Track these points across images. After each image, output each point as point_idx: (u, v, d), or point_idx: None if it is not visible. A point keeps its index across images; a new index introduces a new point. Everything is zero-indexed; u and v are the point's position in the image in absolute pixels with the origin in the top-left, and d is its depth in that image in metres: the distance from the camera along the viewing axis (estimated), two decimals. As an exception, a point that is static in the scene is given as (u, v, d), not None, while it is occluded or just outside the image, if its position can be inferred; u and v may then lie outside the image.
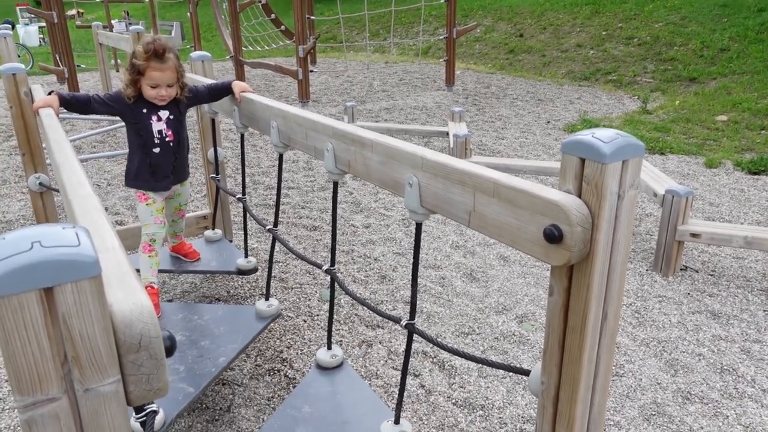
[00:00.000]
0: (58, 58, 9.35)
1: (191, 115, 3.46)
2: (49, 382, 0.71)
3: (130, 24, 19.60)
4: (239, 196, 2.84)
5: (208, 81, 2.89)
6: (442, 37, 10.41)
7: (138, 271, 2.61)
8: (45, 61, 11.04)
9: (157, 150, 2.64)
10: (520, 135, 6.94)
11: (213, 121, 3.20)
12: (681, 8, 11.35)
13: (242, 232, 3.19)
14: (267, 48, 11.76)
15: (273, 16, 12.13)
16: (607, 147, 1.14)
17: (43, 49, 16.87)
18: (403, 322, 1.80)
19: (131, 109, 2.56)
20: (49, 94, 2.45)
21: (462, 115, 6.14)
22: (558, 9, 13.32)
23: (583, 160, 1.17)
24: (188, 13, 12.73)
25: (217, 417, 2.45)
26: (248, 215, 2.82)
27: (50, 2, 8.71)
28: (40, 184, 3.41)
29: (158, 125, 2.61)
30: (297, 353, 2.84)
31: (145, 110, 2.58)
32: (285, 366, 2.76)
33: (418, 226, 1.70)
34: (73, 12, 19.82)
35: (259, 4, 11.19)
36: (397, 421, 1.88)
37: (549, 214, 1.20)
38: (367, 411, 2.00)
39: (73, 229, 0.73)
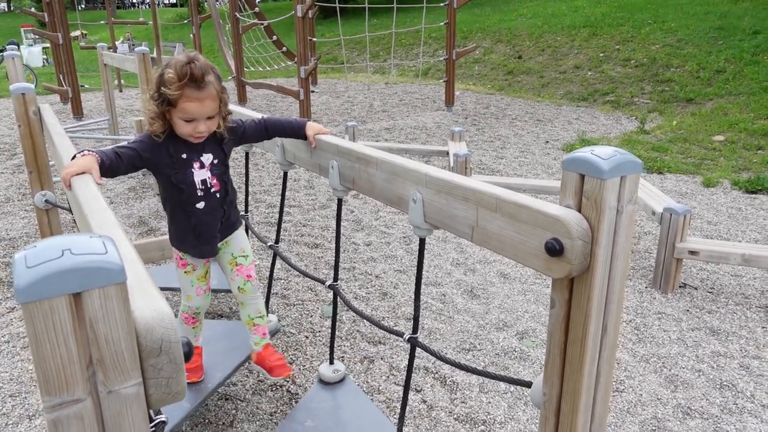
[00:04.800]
0: (62, 78, 9.47)
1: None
2: (75, 383, 0.74)
3: (133, 45, 19.85)
4: (242, 213, 2.88)
5: (255, 114, 2.34)
6: (442, 59, 10.55)
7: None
8: (48, 82, 11.16)
9: (201, 205, 2.05)
10: (519, 154, 7.01)
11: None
12: (677, 31, 11.52)
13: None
14: (269, 69, 11.90)
15: (275, 37, 12.32)
16: (606, 163, 1.18)
17: (47, 70, 17.04)
18: (406, 336, 1.83)
19: (170, 155, 1.96)
20: (74, 157, 1.68)
21: (462, 135, 6.21)
22: (556, 31, 13.51)
23: (582, 176, 1.22)
24: (191, 35, 12.89)
25: (220, 431, 2.46)
26: (250, 232, 2.85)
27: (56, 24, 8.84)
28: (46, 201, 3.45)
29: (201, 173, 2.01)
30: (299, 369, 2.86)
31: (184, 155, 1.98)
32: (287, 381, 2.77)
33: (422, 241, 1.74)
34: (77, 33, 20.06)
35: (261, 26, 11.36)
36: (400, 437, 1.90)
37: (550, 228, 1.24)
38: (370, 425, 2.02)
39: (100, 238, 0.77)
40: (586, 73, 11.21)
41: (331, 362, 2.33)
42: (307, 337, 3.14)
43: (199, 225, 2.08)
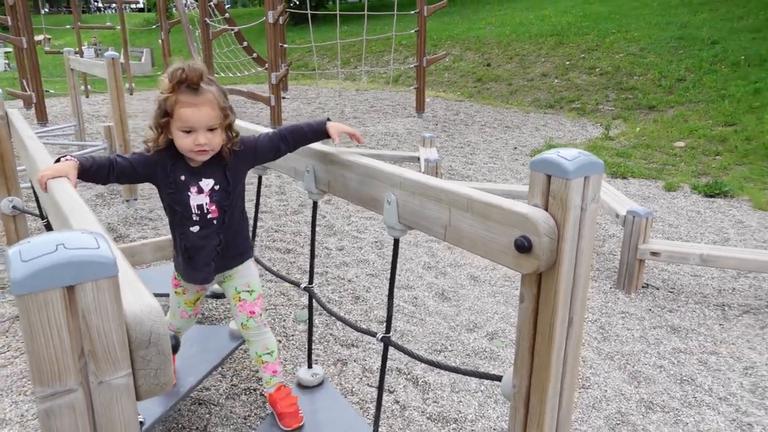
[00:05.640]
0: (25, 83, 9.27)
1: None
2: (67, 374, 0.77)
3: (99, 50, 19.52)
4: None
5: (267, 130, 2.08)
6: (412, 66, 10.67)
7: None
8: (10, 86, 10.92)
9: (195, 229, 1.93)
10: (488, 160, 7.14)
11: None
12: (640, 40, 11.87)
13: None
14: (239, 75, 11.85)
15: (245, 43, 12.26)
16: (571, 164, 1.25)
17: (9, 75, 16.65)
18: (379, 336, 1.88)
19: (166, 174, 1.87)
20: (57, 161, 1.66)
21: (432, 141, 6.31)
22: (523, 40, 13.78)
23: (549, 177, 1.28)
24: (159, 40, 12.77)
25: (194, 436, 2.46)
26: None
27: (19, 28, 8.67)
28: (14, 207, 3.40)
29: (198, 198, 1.90)
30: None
31: (183, 177, 1.87)
32: (261, 385, 2.78)
33: (396, 242, 1.80)
34: (41, 38, 19.63)
35: (232, 32, 11.32)
36: (375, 436, 1.94)
37: (519, 226, 1.30)
38: (347, 428, 2.05)
39: (91, 234, 0.80)
40: (552, 81, 11.46)
41: (310, 366, 2.36)
42: (280, 341, 3.15)
43: (190, 249, 1.97)
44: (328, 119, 1.97)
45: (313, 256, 2.22)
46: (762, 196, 5.58)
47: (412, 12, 9.94)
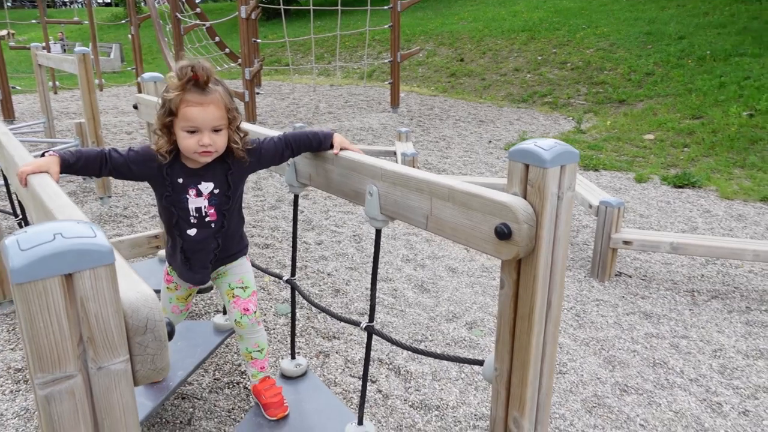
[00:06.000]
0: (-9, 79, 9.04)
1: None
2: (66, 360, 0.79)
3: (66, 46, 19.11)
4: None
5: (271, 132, 2.03)
6: (386, 61, 10.70)
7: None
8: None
9: (192, 232, 1.90)
10: (463, 154, 7.21)
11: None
12: (609, 35, 12.08)
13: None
14: (211, 70, 11.73)
15: (217, 39, 12.15)
16: (548, 154, 1.30)
17: (-28, 70, 16.16)
18: (363, 324, 1.91)
19: (162, 177, 1.82)
20: (42, 155, 1.65)
21: (408, 135, 6.35)
22: (496, 35, 13.90)
23: (527, 166, 1.33)
24: (129, 35, 12.56)
25: (177, 430, 2.47)
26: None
27: (-16, 22, 8.45)
28: (-14, 205, 3.34)
29: (196, 201, 1.87)
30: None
31: (180, 180, 1.84)
32: (244, 379, 2.80)
33: (378, 233, 1.83)
34: (5, 33, 19.15)
35: (203, 27, 11.20)
36: (360, 422, 1.98)
37: (499, 214, 1.34)
38: (331, 416, 2.08)
39: (87, 224, 0.82)
40: (525, 76, 11.60)
41: (293, 357, 2.38)
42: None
43: (188, 251, 1.93)
44: (334, 131, 1.95)
45: (295, 248, 2.24)
46: (728, 186, 5.76)
47: (385, 7, 9.96)
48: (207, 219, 1.89)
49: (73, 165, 1.68)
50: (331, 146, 1.89)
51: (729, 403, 2.64)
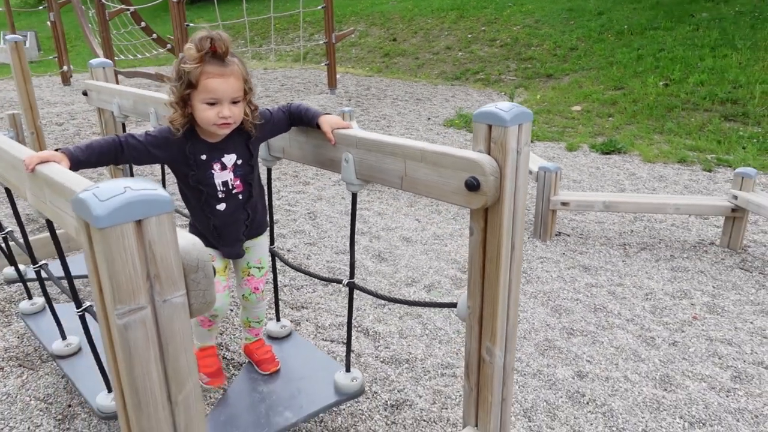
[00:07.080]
0: None
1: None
2: (139, 293, 0.93)
3: (-24, 34, 17.91)
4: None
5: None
6: (320, 42, 10.73)
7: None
8: None
9: (222, 207, 1.92)
10: (405, 132, 7.43)
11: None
12: (534, 12, 12.56)
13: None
14: (140, 57, 11.41)
15: (143, 24, 11.79)
16: (508, 114, 1.51)
17: None
18: (345, 282, 2.10)
19: (185, 155, 1.83)
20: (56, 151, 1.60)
21: (352, 115, 6.49)
22: (426, 14, 14.15)
23: (490, 126, 1.54)
24: (48, 22, 11.97)
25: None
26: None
27: None
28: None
29: (222, 175, 1.88)
30: (230, 338, 3.02)
31: (204, 156, 1.85)
32: (221, 350, 2.92)
33: (354, 196, 2.00)
34: None
35: (128, 12, 10.85)
36: (348, 369, 2.18)
37: (468, 169, 1.55)
38: (320, 367, 2.26)
39: (144, 180, 0.96)
40: (457, 54, 11.92)
41: (278, 319, 2.55)
42: (231, 310, 3.28)
43: (220, 227, 1.96)
44: (327, 113, 1.95)
45: (271, 217, 2.38)
46: (649, 151, 6.25)
47: (318, -12, 9.98)
48: (234, 191, 1.92)
49: (85, 162, 1.66)
50: (318, 126, 1.91)
51: (660, 337, 2.99)
